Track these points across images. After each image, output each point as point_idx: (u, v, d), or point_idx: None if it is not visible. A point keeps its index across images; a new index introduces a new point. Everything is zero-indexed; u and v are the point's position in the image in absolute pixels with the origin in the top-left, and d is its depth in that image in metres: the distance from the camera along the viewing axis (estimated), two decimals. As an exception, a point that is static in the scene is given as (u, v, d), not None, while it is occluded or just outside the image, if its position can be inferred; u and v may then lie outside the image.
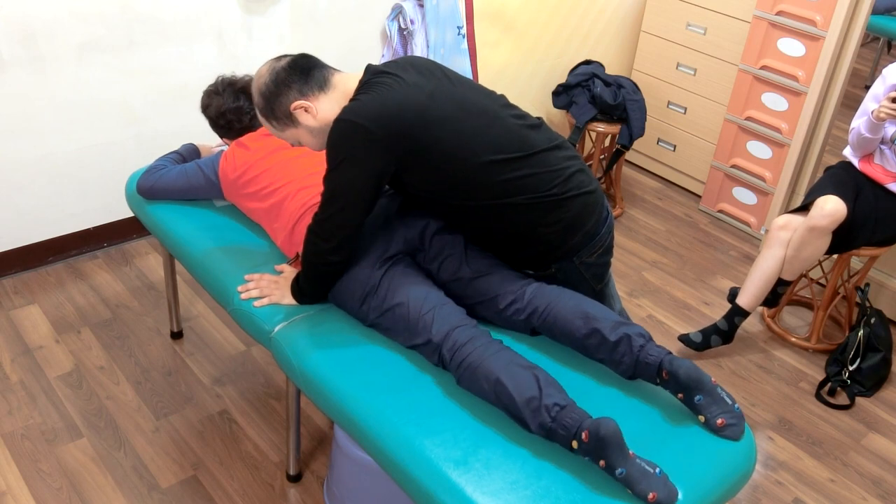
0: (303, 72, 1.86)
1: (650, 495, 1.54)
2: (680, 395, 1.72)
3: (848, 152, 2.87)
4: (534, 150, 1.89)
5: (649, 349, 1.74)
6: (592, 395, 1.80)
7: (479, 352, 1.74)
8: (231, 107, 2.34)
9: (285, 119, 1.88)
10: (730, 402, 1.72)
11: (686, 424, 1.74)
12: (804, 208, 2.79)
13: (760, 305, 2.91)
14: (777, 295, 2.88)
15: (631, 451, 1.57)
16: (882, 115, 2.59)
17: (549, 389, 1.65)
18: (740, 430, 1.72)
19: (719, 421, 1.70)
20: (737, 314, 2.87)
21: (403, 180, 1.88)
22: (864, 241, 2.76)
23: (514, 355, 1.74)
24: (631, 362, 1.75)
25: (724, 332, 2.88)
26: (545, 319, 1.87)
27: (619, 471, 1.55)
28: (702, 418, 1.72)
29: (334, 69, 1.92)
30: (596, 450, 1.55)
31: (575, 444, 1.59)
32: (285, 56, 1.90)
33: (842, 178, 2.79)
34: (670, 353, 1.73)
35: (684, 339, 2.90)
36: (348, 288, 1.93)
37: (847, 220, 2.69)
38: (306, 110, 1.86)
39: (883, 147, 2.72)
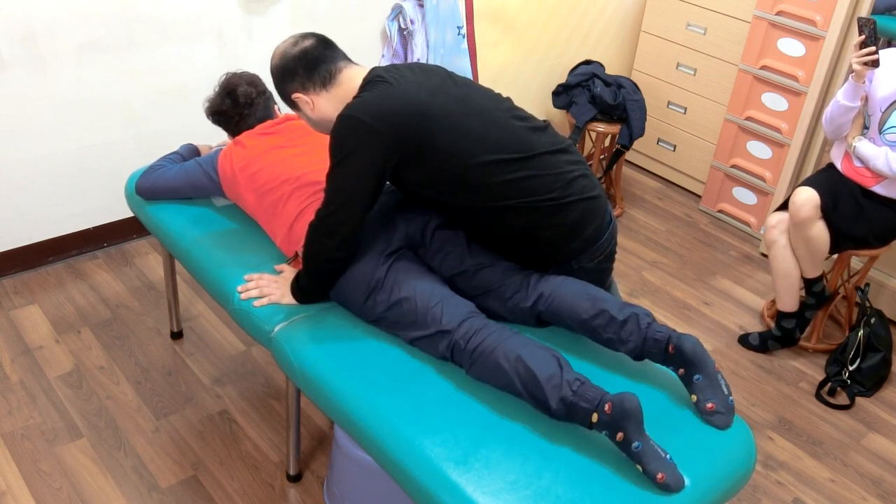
0: (310, 65, 1.90)
1: (659, 475, 1.56)
2: (681, 371, 1.74)
3: (833, 153, 2.86)
4: (535, 152, 1.89)
5: (656, 326, 1.77)
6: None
7: (496, 335, 1.76)
8: (215, 110, 2.38)
9: (289, 102, 1.98)
10: (726, 392, 1.75)
11: (687, 423, 1.74)
12: (787, 205, 2.81)
13: (813, 310, 2.90)
14: (816, 294, 2.87)
15: (646, 432, 1.60)
16: (857, 66, 2.56)
17: (568, 368, 1.69)
18: (727, 421, 1.74)
19: (709, 405, 1.73)
20: (783, 318, 2.92)
21: (404, 178, 1.89)
22: (861, 244, 2.75)
23: (529, 339, 1.77)
24: (639, 340, 1.78)
25: (779, 337, 2.94)
26: (551, 304, 1.88)
27: (635, 444, 1.57)
28: (694, 398, 1.75)
29: (346, 63, 1.94)
30: (617, 422, 1.57)
31: (595, 417, 1.61)
32: (306, 38, 1.93)
33: (820, 176, 2.80)
34: (676, 331, 1.77)
35: (742, 339, 3.03)
36: (352, 284, 1.93)
37: (827, 216, 2.68)
38: (305, 102, 1.94)
39: (872, 138, 2.69)
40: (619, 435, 1.58)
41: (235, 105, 2.35)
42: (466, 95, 1.89)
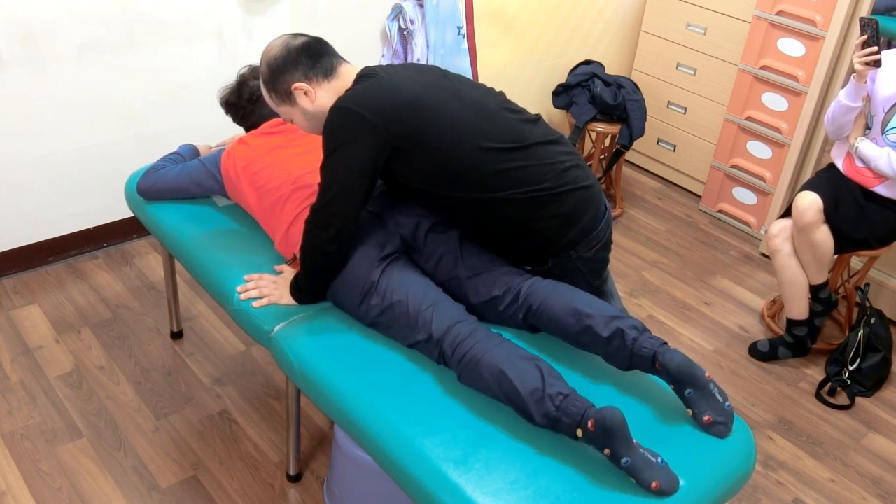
0: (313, 56, 1.91)
1: (654, 484, 1.55)
2: (672, 386, 1.73)
3: (834, 152, 2.85)
4: (527, 142, 1.90)
5: (643, 341, 1.73)
6: (592, 391, 1.80)
7: (480, 345, 1.75)
8: (225, 100, 2.42)
9: (284, 95, 1.93)
10: (721, 399, 1.72)
11: (685, 424, 1.74)
12: (789, 212, 2.80)
13: (822, 316, 2.88)
14: (823, 300, 2.85)
15: (634, 441, 1.58)
16: (858, 66, 2.57)
17: (552, 379, 1.66)
18: (727, 430, 1.72)
19: (706, 418, 1.71)
20: (794, 326, 2.90)
21: (396, 171, 1.89)
22: (862, 245, 2.75)
23: (516, 347, 1.75)
24: (626, 356, 1.76)
25: (790, 344, 2.92)
26: (539, 318, 1.88)
27: (624, 460, 1.56)
28: (690, 412, 1.74)
29: (343, 60, 1.96)
30: (601, 439, 1.56)
31: (580, 432, 1.60)
32: (302, 35, 1.94)
33: (821, 178, 2.79)
34: (665, 343, 1.74)
35: (751, 348, 2.99)
36: (347, 287, 1.93)
37: (829, 218, 2.68)
38: (306, 93, 1.91)
39: (873, 139, 2.69)
40: (607, 451, 1.57)
41: (241, 99, 2.39)
42: (458, 89, 1.90)
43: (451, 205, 1.92)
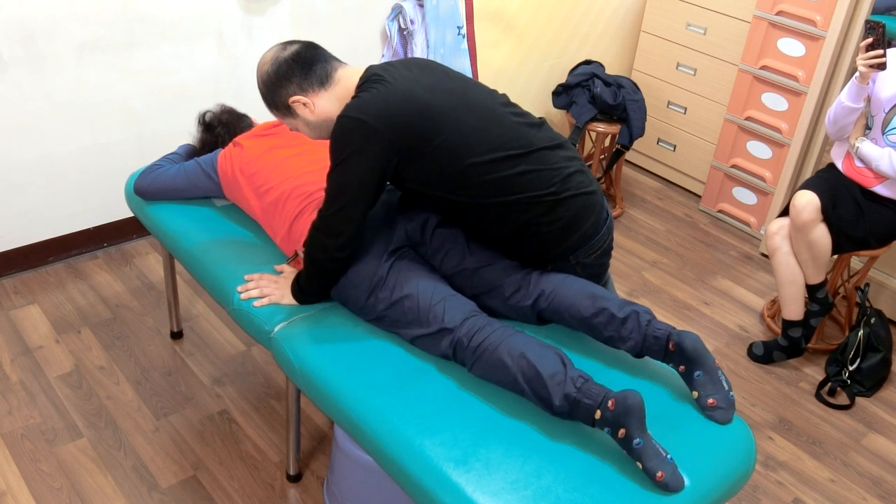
0: (305, 65, 1.88)
1: (658, 473, 1.57)
2: (682, 368, 1.76)
3: (833, 152, 2.85)
4: (533, 147, 1.90)
5: (656, 324, 1.79)
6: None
7: (499, 333, 1.77)
8: (202, 145, 2.47)
9: (284, 109, 1.92)
10: (726, 387, 1.76)
11: (686, 424, 1.75)
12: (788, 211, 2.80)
13: (818, 317, 2.87)
14: (820, 300, 2.84)
15: (647, 431, 1.61)
16: (863, 68, 2.57)
17: (571, 365, 1.70)
18: (728, 417, 1.75)
19: (710, 401, 1.75)
20: (789, 328, 2.89)
21: (404, 176, 1.89)
22: (862, 245, 2.75)
23: (532, 337, 1.79)
24: (639, 338, 1.79)
25: (785, 347, 2.92)
26: (552, 302, 1.89)
27: (636, 441, 1.57)
28: (695, 394, 1.76)
29: (339, 63, 1.94)
30: (620, 418, 1.58)
31: (598, 413, 1.61)
32: (292, 44, 1.91)
33: (820, 178, 2.79)
34: (675, 328, 1.78)
35: (748, 350, 2.99)
36: (354, 282, 1.93)
37: (827, 217, 2.68)
38: (304, 105, 1.89)
39: (873, 139, 2.69)
40: (622, 432, 1.58)
41: (211, 134, 2.44)
42: (464, 92, 1.89)
43: (455, 208, 1.92)
